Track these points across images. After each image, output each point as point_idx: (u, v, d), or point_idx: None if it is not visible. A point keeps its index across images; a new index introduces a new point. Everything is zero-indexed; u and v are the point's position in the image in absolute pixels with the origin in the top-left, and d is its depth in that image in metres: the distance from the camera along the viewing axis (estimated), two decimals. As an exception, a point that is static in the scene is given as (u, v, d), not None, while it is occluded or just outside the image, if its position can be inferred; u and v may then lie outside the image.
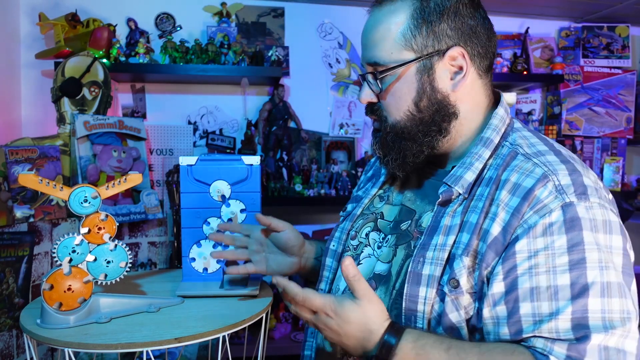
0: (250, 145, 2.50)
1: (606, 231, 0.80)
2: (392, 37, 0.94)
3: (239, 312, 1.06)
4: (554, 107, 2.86)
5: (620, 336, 0.74)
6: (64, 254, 1.00)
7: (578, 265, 0.77)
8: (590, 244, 0.77)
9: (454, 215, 0.91)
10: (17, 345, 1.70)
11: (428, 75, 0.94)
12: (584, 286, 0.76)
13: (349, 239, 1.11)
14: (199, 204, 1.20)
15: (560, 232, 0.79)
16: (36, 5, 2.34)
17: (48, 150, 1.89)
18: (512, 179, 0.86)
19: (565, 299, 0.76)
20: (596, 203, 0.81)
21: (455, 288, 0.85)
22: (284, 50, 2.60)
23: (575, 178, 0.83)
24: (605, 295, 0.75)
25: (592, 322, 0.74)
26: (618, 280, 0.77)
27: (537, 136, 0.95)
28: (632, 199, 2.77)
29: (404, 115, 0.96)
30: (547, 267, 0.78)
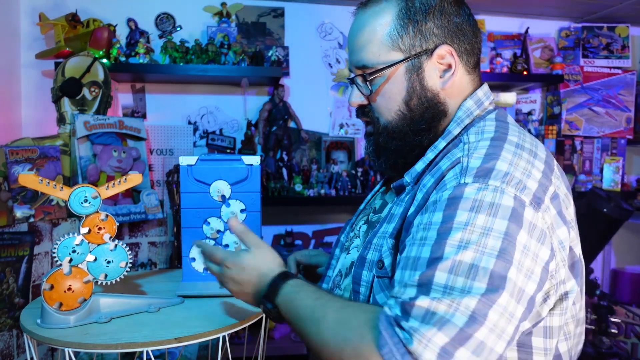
0: (250, 145, 2.50)
1: (490, 214, 0.77)
2: (378, 38, 0.95)
3: (239, 312, 1.06)
4: (554, 107, 2.86)
5: (449, 306, 0.72)
6: (64, 254, 1.00)
7: (439, 240, 0.77)
8: (459, 223, 0.77)
9: (399, 204, 0.94)
10: (18, 345, 1.70)
11: (417, 74, 0.95)
12: (437, 259, 0.76)
13: (350, 231, 1.15)
14: (199, 204, 1.20)
15: (439, 209, 0.80)
16: (36, 5, 2.34)
17: (48, 150, 1.89)
18: (440, 163, 0.89)
19: (420, 267, 0.77)
20: (493, 186, 0.79)
21: (380, 269, 0.90)
22: (284, 50, 2.60)
23: (486, 161, 0.82)
24: (452, 273, 0.74)
25: (432, 287, 0.74)
26: (473, 262, 0.74)
27: (498, 125, 0.93)
28: (632, 199, 2.77)
29: (395, 115, 0.97)
30: (420, 240, 0.80)
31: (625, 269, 3.09)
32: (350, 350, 0.76)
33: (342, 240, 1.18)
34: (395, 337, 0.72)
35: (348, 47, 1.02)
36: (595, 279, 2.52)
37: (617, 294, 3.00)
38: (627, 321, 2.62)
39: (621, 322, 2.63)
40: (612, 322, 2.47)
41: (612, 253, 3.09)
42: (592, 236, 2.41)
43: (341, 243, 1.17)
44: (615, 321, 2.54)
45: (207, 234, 1.21)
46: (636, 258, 3.14)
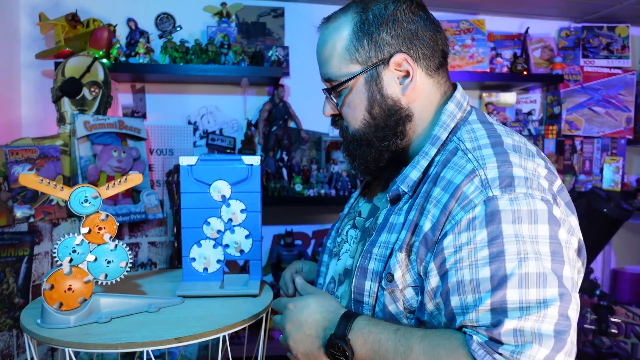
0: (250, 145, 2.50)
1: (531, 221, 0.80)
2: (337, 53, 1.00)
3: (239, 312, 1.06)
4: (553, 107, 2.86)
5: (536, 321, 0.76)
6: (64, 253, 1.00)
7: (497, 258, 0.79)
8: (509, 237, 0.79)
9: (399, 214, 0.96)
10: (18, 345, 1.70)
11: (376, 83, 0.99)
12: (502, 278, 0.78)
13: (336, 237, 1.18)
14: (199, 204, 1.20)
15: (481, 227, 0.81)
16: (36, 5, 2.34)
17: (48, 150, 1.89)
18: (447, 175, 0.89)
19: (485, 291, 0.79)
20: (522, 194, 0.82)
21: (390, 282, 0.91)
22: (284, 50, 2.61)
23: (503, 170, 0.84)
24: (522, 287, 0.77)
25: (510, 311, 0.77)
26: (538, 271, 0.78)
27: (486, 128, 0.95)
28: (632, 199, 2.77)
29: (361, 123, 1.01)
30: (470, 261, 0.81)
31: (625, 269, 3.09)
32: None
33: (328, 245, 1.20)
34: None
35: (317, 58, 1.07)
36: (595, 279, 2.52)
37: (617, 294, 3.00)
38: (627, 321, 2.62)
39: (621, 322, 2.63)
40: (612, 322, 2.47)
41: (612, 253, 3.09)
42: (592, 236, 2.41)
43: (328, 249, 1.20)
44: (615, 321, 2.54)
45: (207, 234, 1.21)
46: (636, 258, 3.14)
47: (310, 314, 0.95)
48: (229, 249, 1.22)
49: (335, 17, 1.03)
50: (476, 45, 2.70)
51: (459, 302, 0.82)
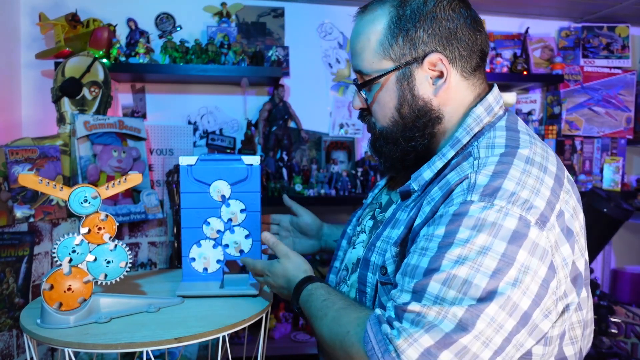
0: (250, 145, 2.50)
1: (490, 234, 0.79)
2: (371, 47, 0.97)
3: (239, 312, 1.06)
4: (554, 107, 2.86)
5: (439, 313, 0.77)
6: (64, 254, 1.00)
7: (439, 253, 0.80)
8: (459, 240, 0.80)
9: (405, 210, 0.97)
10: (17, 345, 1.70)
11: (407, 83, 0.96)
12: (432, 270, 0.80)
13: (357, 225, 1.18)
14: (199, 204, 1.20)
15: (443, 223, 0.82)
16: (36, 5, 2.34)
17: (48, 150, 1.89)
18: (449, 176, 0.89)
19: (417, 275, 0.81)
20: (499, 207, 0.80)
21: (383, 275, 0.94)
22: (284, 50, 2.60)
23: (493, 179, 0.83)
24: (445, 285, 0.78)
25: (425, 298, 0.79)
26: (467, 278, 0.77)
27: (508, 136, 0.92)
28: (632, 199, 2.77)
29: (389, 121, 1.00)
30: (421, 250, 0.84)
31: (625, 269, 3.09)
32: (338, 344, 0.87)
33: (348, 232, 1.22)
34: (379, 334, 0.79)
35: (350, 49, 1.04)
36: (595, 279, 2.52)
37: (617, 294, 3.00)
38: (627, 321, 2.62)
39: (621, 322, 2.63)
40: (612, 322, 2.47)
41: (612, 253, 3.09)
42: (592, 236, 2.40)
43: (348, 235, 1.21)
44: (615, 321, 2.54)
45: (207, 234, 1.21)
46: (636, 258, 3.14)
47: (279, 282, 1.08)
48: (228, 249, 1.22)
49: (372, 8, 0.99)
50: (476, 45, 2.69)
51: (399, 280, 0.85)
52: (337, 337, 0.87)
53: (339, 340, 0.86)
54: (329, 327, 0.90)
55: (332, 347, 0.89)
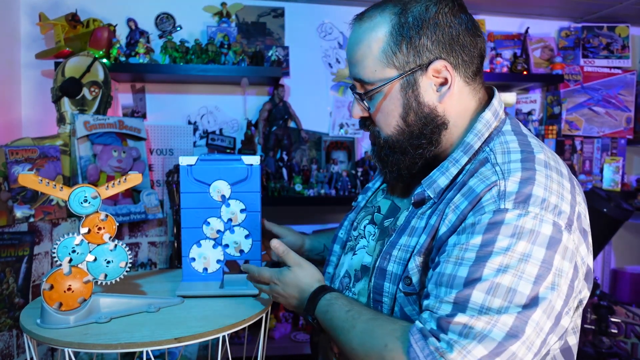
0: (250, 145, 2.49)
1: (530, 241, 0.80)
2: (373, 55, 0.95)
3: (239, 312, 1.06)
4: (554, 107, 2.86)
5: (488, 323, 0.77)
6: (64, 254, 1.00)
7: (479, 262, 0.80)
8: (500, 248, 0.80)
9: (422, 218, 0.95)
10: (17, 345, 1.70)
11: (412, 90, 0.95)
12: (475, 280, 0.79)
13: (351, 229, 1.17)
14: (199, 204, 1.20)
15: (479, 232, 0.82)
16: (36, 5, 2.34)
17: (48, 150, 1.89)
18: (471, 183, 0.89)
19: (457, 286, 0.81)
20: (533, 213, 0.81)
21: (407, 285, 0.92)
22: (284, 50, 2.60)
23: (523, 186, 0.83)
24: (490, 294, 0.78)
25: (469, 309, 0.78)
26: (510, 286, 0.78)
27: (519, 141, 0.93)
28: (632, 199, 2.77)
29: (394, 129, 0.98)
30: (456, 259, 0.83)
31: (625, 269, 3.09)
32: (375, 357, 0.84)
33: (341, 236, 1.20)
34: (426, 349, 0.78)
35: (347, 58, 1.03)
36: (595, 279, 2.52)
37: (617, 294, 3.00)
38: (627, 321, 2.62)
39: (621, 322, 2.63)
40: (612, 322, 2.47)
41: (612, 253, 3.09)
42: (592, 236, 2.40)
43: (340, 240, 1.20)
44: (615, 321, 2.54)
45: (207, 234, 1.21)
46: (636, 258, 3.14)
47: (290, 292, 1.04)
48: (228, 249, 1.22)
49: (371, 15, 0.97)
50: (476, 45, 2.69)
51: (433, 290, 0.84)
52: (373, 350, 0.85)
53: (375, 353, 0.84)
54: (360, 339, 0.88)
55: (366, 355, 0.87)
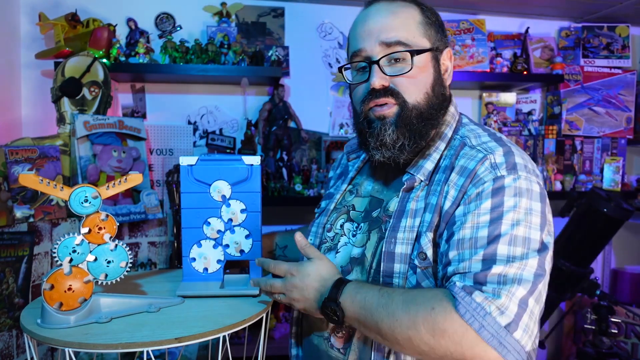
0: (250, 145, 2.49)
1: (529, 197, 0.96)
2: (416, 22, 1.07)
3: (239, 312, 1.06)
4: (554, 107, 2.86)
5: (519, 268, 0.90)
6: (64, 253, 1.00)
7: (495, 221, 0.94)
8: (508, 207, 0.94)
9: (418, 200, 1.06)
10: (17, 345, 1.70)
11: (438, 65, 1.09)
12: (497, 236, 0.92)
13: (325, 232, 1.24)
14: (200, 204, 1.20)
15: (487, 197, 0.96)
16: (36, 5, 2.34)
17: (48, 150, 1.89)
18: (461, 163, 1.03)
19: (481, 246, 0.93)
20: (524, 176, 0.98)
21: (423, 260, 1.01)
22: (284, 50, 2.60)
23: (508, 157, 1.00)
24: (511, 244, 0.92)
25: (498, 260, 0.91)
26: (525, 235, 0.93)
27: (481, 128, 1.12)
28: (632, 199, 2.77)
29: (423, 96, 1.07)
30: (472, 224, 0.95)
31: (625, 269, 3.09)
32: (421, 320, 0.90)
33: (313, 242, 1.24)
34: (473, 302, 0.87)
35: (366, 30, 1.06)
36: (595, 279, 2.52)
37: (617, 294, 3.00)
38: (628, 321, 2.62)
39: (621, 322, 2.63)
40: (612, 322, 2.47)
41: (612, 253, 3.09)
42: (592, 236, 2.40)
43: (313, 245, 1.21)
44: (616, 321, 2.54)
45: (208, 234, 1.21)
46: (636, 258, 3.14)
47: (310, 282, 1.03)
48: (229, 249, 1.22)
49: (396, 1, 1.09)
50: (476, 45, 2.69)
51: (456, 255, 0.95)
52: (420, 314, 0.90)
53: (423, 317, 0.89)
54: (404, 308, 0.92)
55: (412, 326, 0.90)
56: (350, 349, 1.09)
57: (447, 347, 0.88)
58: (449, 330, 0.87)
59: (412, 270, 1.01)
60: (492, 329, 0.85)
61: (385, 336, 0.94)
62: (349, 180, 1.26)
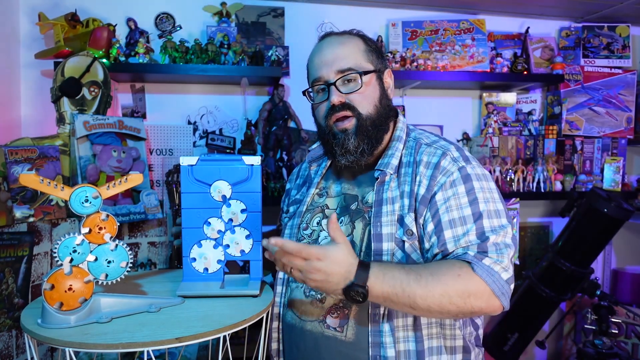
0: (250, 145, 2.49)
1: (486, 179, 1.26)
2: (360, 51, 1.33)
3: (239, 312, 1.06)
4: (554, 107, 2.86)
5: (504, 236, 1.19)
6: (64, 253, 1.00)
7: (474, 202, 1.21)
8: (478, 189, 1.23)
9: (393, 190, 1.29)
10: (17, 345, 1.70)
11: (381, 83, 1.36)
12: (480, 214, 1.20)
13: (300, 231, 1.39)
14: (200, 204, 1.20)
15: (460, 184, 1.23)
16: (36, 5, 2.34)
17: (47, 150, 1.89)
18: (425, 158, 1.29)
19: (470, 222, 1.20)
20: (475, 164, 1.28)
21: (411, 236, 1.23)
22: (284, 50, 2.60)
23: (461, 152, 1.29)
24: (491, 217, 1.20)
25: (487, 231, 1.18)
26: (496, 207, 1.23)
27: (425, 132, 1.41)
28: (633, 199, 2.77)
29: (374, 108, 1.31)
30: (457, 205, 1.21)
31: (626, 269, 3.09)
32: (451, 285, 1.10)
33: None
34: (485, 265, 1.13)
35: (323, 60, 1.32)
36: (595, 279, 2.52)
37: (618, 294, 3.00)
38: (628, 321, 2.62)
39: (622, 323, 2.63)
40: (613, 323, 2.47)
41: (612, 253, 3.09)
42: (593, 236, 2.40)
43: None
44: (616, 321, 2.54)
45: (208, 234, 1.21)
46: (637, 258, 3.14)
47: (338, 269, 1.08)
48: (229, 249, 1.22)
49: (341, 33, 1.37)
50: (476, 45, 2.69)
51: (451, 234, 1.20)
52: (449, 281, 1.11)
53: (452, 284, 1.10)
54: (434, 279, 1.11)
55: (445, 293, 1.10)
56: (347, 326, 1.24)
57: (472, 304, 1.12)
58: (473, 290, 1.11)
59: (398, 247, 1.23)
60: (499, 284, 1.13)
61: (417, 306, 1.11)
62: (315, 184, 1.46)
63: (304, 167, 1.59)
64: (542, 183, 2.66)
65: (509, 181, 2.63)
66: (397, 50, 2.61)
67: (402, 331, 1.21)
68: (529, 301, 2.53)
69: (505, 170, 2.63)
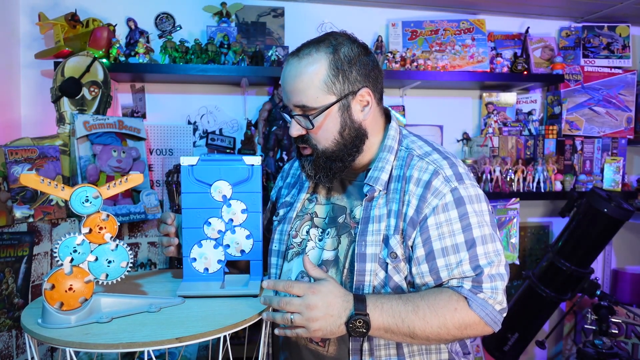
0: (250, 145, 2.49)
1: (479, 201, 1.20)
2: (316, 85, 1.18)
3: (240, 312, 1.06)
4: (554, 107, 2.86)
5: (497, 265, 1.17)
6: (65, 253, 1.00)
7: (467, 228, 1.17)
8: (471, 213, 1.18)
9: (380, 207, 1.22)
10: (17, 345, 1.70)
11: (347, 111, 1.21)
12: (473, 241, 1.17)
13: (290, 238, 1.34)
14: (200, 204, 1.20)
15: (452, 208, 1.18)
16: (36, 5, 2.33)
17: (47, 150, 1.89)
18: (415, 175, 1.21)
19: (463, 250, 1.16)
20: (469, 184, 1.21)
21: (394, 258, 1.19)
22: (284, 50, 2.60)
23: (454, 170, 1.21)
24: (485, 243, 1.17)
25: (481, 262, 1.16)
26: (489, 232, 1.19)
27: (419, 139, 1.31)
28: (633, 199, 2.77)
29: (332, 142, 1.22)
30: (449, 232, 1.17)
31: (626, 269, 3.09)
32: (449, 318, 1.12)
33: (276, 249, 1.36)
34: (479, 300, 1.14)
35: (285, 88, 1.23)
36: (595, 279, 2.52)
37: (618, 294, 3.00)
38: (628, 321, 2.62)
39: (622, 323, 2.63)
40: (613, 323, 2.47)
41: (612, 253, 3.09)
42: (593, 236, 2.40)
43: (277, 252, 1.35)
44: (616, 321, 2.54)
45: (208, 234, 1.21)
46: (637, 258, 3.14)
47: (334, 298, 1.09)
48: (229, 249, 1.22)
49: (308, 53, 1.19)
50: (476, 45, 2.69)
51: (444, 262, 1.17)
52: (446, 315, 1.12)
53: (450, 317, 1.12)
54: (432, 311, 1.12)
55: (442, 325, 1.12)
56: (329, 341, 1.24)
57: (468, 333, 1.16)
58: (470, 322, 1.14)
59: (382, 267, 1.19)
60: (492, 315, 1.15)
61: (416, 336, 1.13)
62: (306, 189, 1.39)
63: (295, 166, 1.53)
64: (542, 183, 2.66)
65: (509, 181, 2.63)
66: (397, 50, 2.61)
67: (383, 349, 1.21)
68: (529, 301, 2.53)
69: (505, 170, 2.63)
